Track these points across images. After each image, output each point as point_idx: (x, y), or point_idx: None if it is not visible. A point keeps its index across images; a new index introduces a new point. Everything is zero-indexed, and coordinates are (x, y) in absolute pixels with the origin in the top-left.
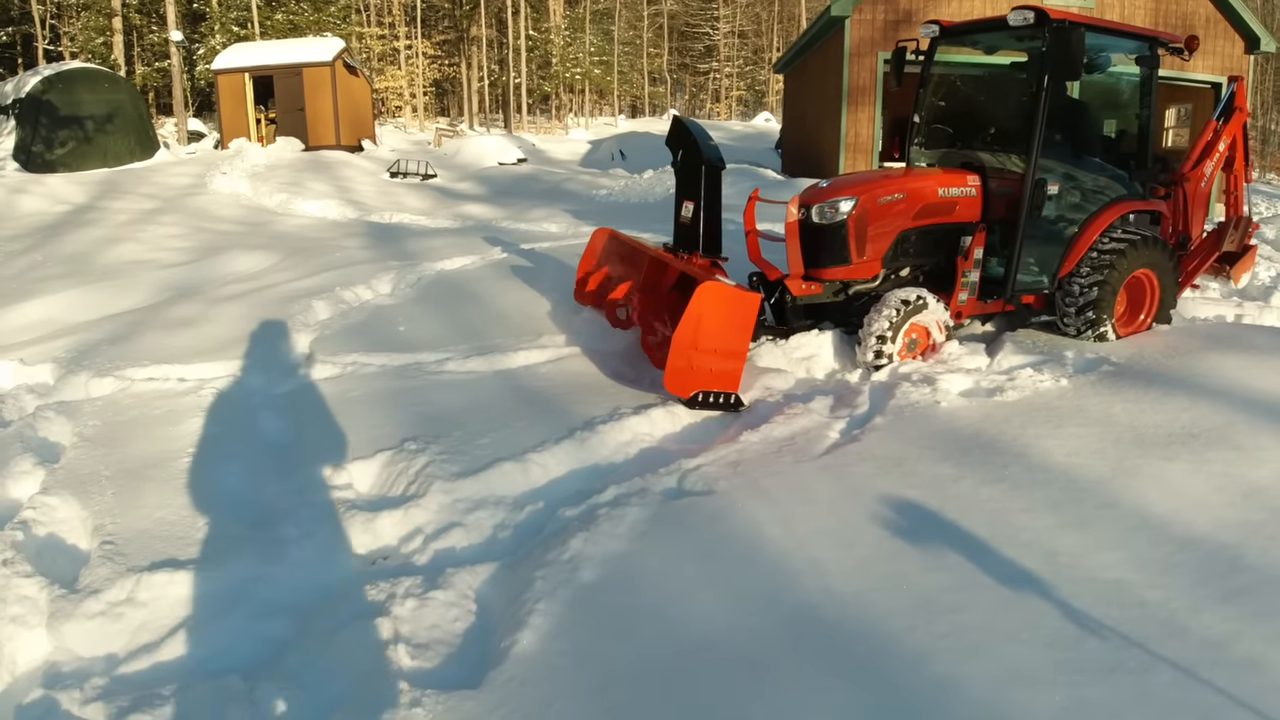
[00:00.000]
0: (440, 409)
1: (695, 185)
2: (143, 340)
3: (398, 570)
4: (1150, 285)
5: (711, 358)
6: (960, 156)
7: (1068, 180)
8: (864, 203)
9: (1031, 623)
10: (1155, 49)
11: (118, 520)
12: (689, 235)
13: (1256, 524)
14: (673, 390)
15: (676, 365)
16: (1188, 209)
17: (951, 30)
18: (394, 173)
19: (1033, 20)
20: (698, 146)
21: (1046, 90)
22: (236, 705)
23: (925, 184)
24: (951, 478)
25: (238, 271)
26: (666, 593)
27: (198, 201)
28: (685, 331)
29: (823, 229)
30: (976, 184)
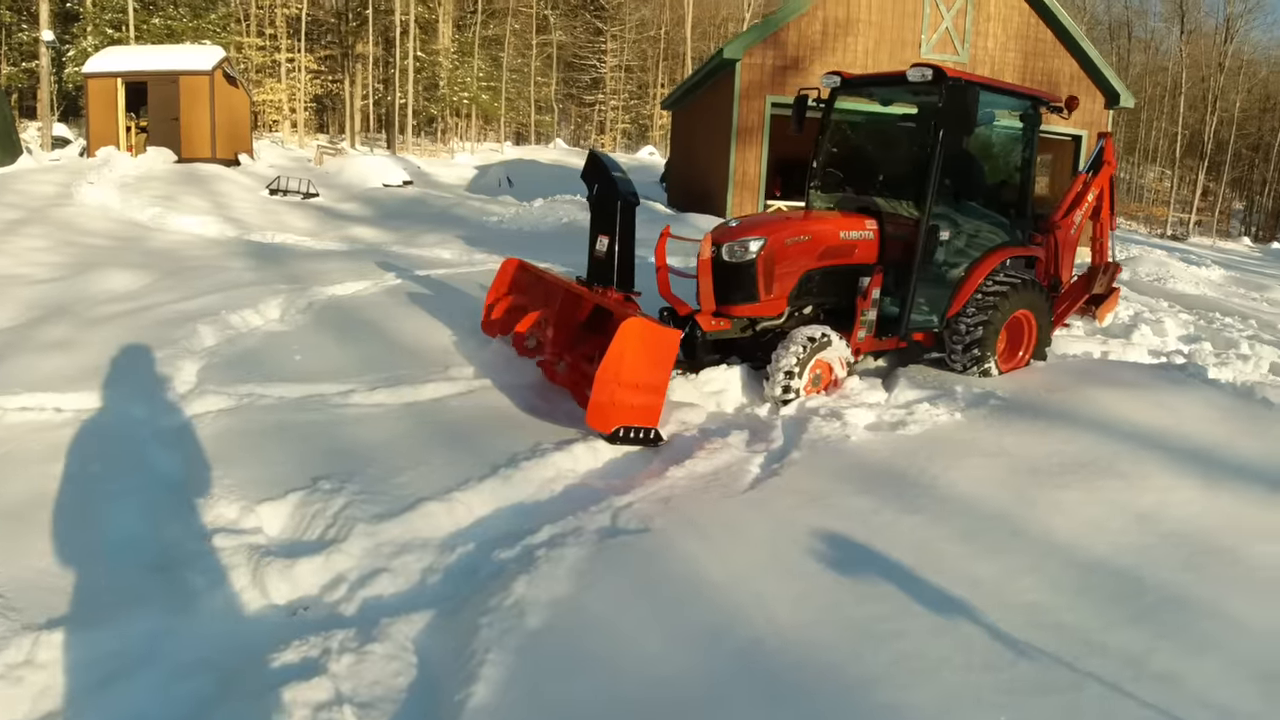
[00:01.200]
0: (351, 444)
1: (610, 220)
2: (12, 364)
3: (325, 622)
4: (1028, 325)
5: (633, 393)
6: (856, 201)
7: (956, 226)
8: (772, 243)
9: (965, 647)
10: (1038, 107)
11: (2, 570)
12: (603, 269)
13: (1149, 547)
14: (595, 426)
15: (599, 401)
16: (1058, 254)
17: (852, 82)
18: (274, 190)
19: (930, 78)
20: (614, 182)
21: (941, 143)
22: None
23: (828, 227)
24: (872, 510)
25: (112, 290)
26: (614, 635)
27: (65, 213)
28: (609, 367)
29: (733, 267)
30: (874, 228)
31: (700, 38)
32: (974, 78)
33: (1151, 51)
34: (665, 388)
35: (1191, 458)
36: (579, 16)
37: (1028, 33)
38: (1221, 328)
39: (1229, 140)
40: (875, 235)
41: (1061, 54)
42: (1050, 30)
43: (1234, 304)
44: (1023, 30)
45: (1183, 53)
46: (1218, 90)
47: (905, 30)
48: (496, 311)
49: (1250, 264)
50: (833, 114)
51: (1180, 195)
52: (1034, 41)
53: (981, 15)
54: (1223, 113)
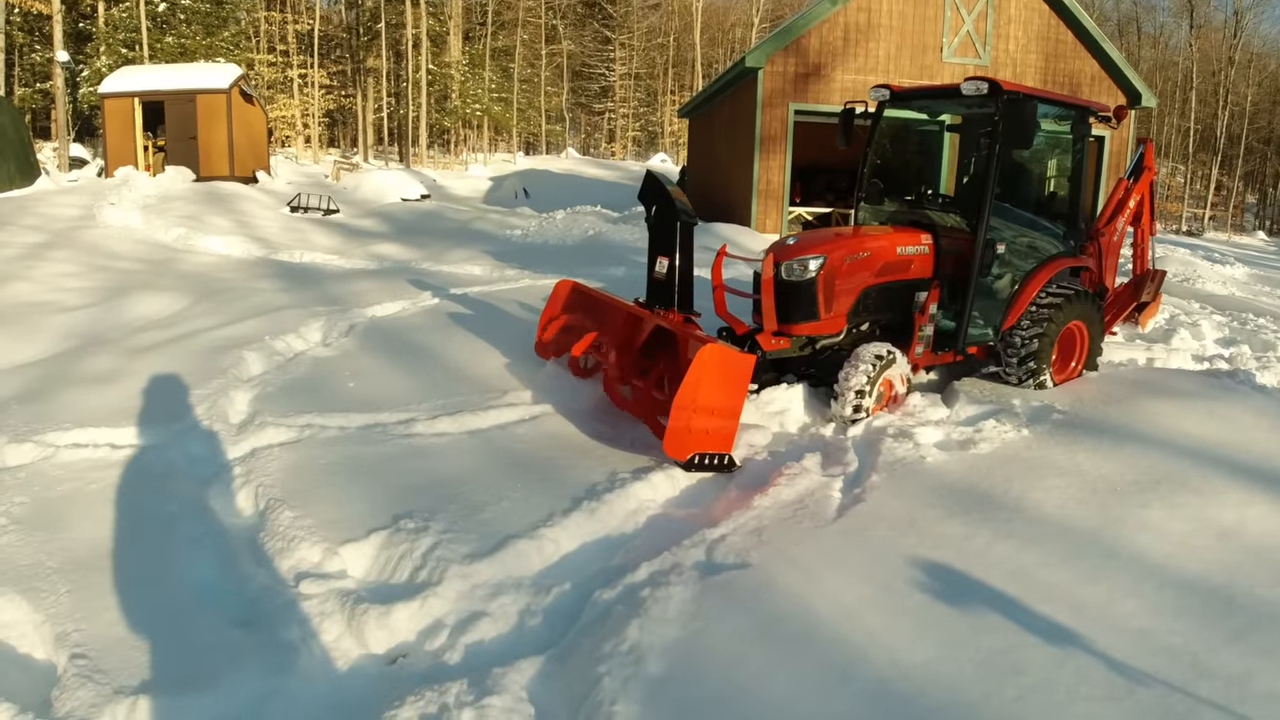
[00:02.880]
0: (424, 478)
1: (670, 241)
2: (59, 398)
3: (431, 672)
4: (1080, 336)
5: (708, 420)
6: (908, 215)
7: (1011, 239)
8: (832, 261)
9: (1086, 678)
10: (1087, 117)
11: (82, 627)
12: (664, 291)
13: (1237, 564)
14: (671, 453)
15: (676, 428)
16: (1102, 261)
17: (901, 95)
18: (294, 207)
19: (986, 91)
20: (672, 203)
21: (998, 157)
22: None
23: (886, 243)
24: (964, 536)
25: (148, 316)
26: (738, 680)
27: (90, 235)
28: (685, 394)
29: (792, 285)
30: (929, 242)
31: (709, 44)
32: (1027, 89)
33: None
34: (739, 413)
35: (1257, 470)
36: (587, 25)
37: (1048, 34)
38: (1256, 329)
39: (1241, 134)
40: (931, 250)
41: (1082, 55)
42: (1071, 31)
43: (1264, 304)
44: (1043, 32)
45: (1193, 47)
46: (1228, 84)
47: (926, 35)
48: (550, 333)
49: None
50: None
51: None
52: (1055, 43)
53: (1002, 18)
54: (1234, 107)
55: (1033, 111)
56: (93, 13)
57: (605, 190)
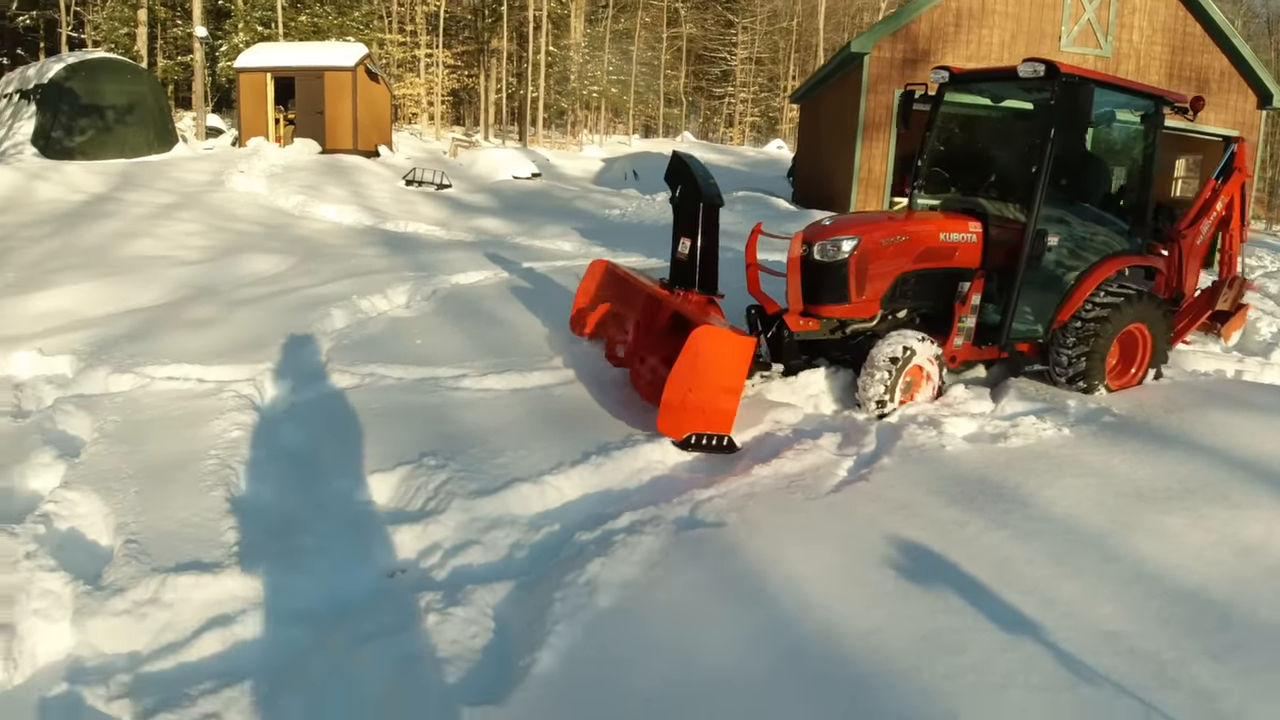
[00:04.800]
0: (458, 426)
1: (693, 222)
2: (162, 338)
3: (417, 585)
4: (1143, 340)
5: (705, 400)
6: (962, 202)
7: (1068, 231)
8: (866, 243)
9: (1028, 667)
10: (1160, 107)
11: (140, 519)
12: (685, 272)
13: (1246, 581)
14: (665, 431)
15: (670, 406)
16: (1183, 265)
17: (961, 77)
18: (409, 180)
19: (1043, 73)
20: (696, 183)
21: (1053, 142)
22: (262, 711)
23: (927, 228)
24: (956, 522)
25: (255, 273)
26: (679, 624)
27: (216, 199)
28: (680, 374)
29: (824, 266)
30: (978, 230)
31: (834, 29)
32: (1090, 74)
33: None
34: (738, 395)
35: None
36: (710, 9)
37: (1175, 26)
38: None
39: None
40: (979, 238)
41: (1211, 49)
42: (1199, 24)
43: None
44: (1170, 24)
45: None
46: None
47: (1044, 22)
48: (586, 317)
49: None
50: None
51: None
52: (1181, 36)
53: (1126, 8)
54: None
55: (1089, 96)
56: None
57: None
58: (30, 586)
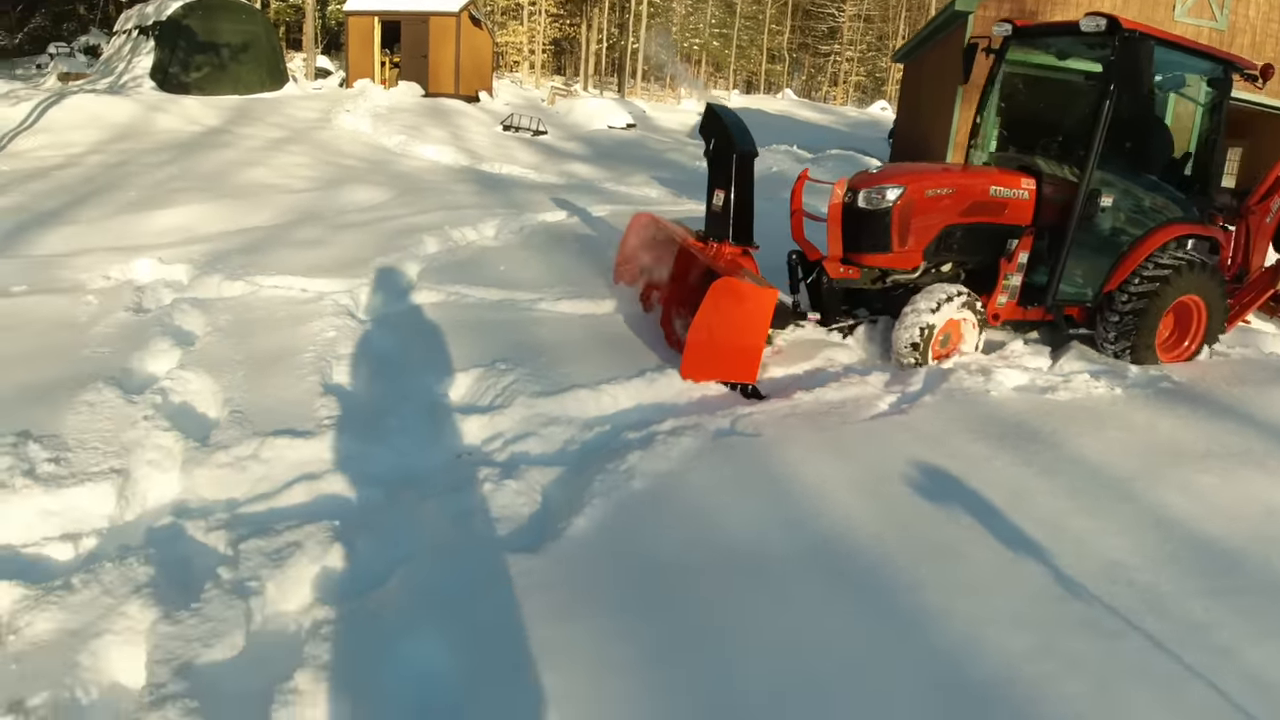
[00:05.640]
0: (529, 339)
1: (726, 173)
2: (271, 254)
3: (479, 463)
4: (1198, 312)
5: (728, 350)
6: (1018, 159)
7: (1124, 195)
8: (911, 192)
9: (1023, 579)
10: (1229, 73)
11: (245, 396)
12: (719, 224)
13: (1269, 538)
14: (689, 377)
15: (693, 356)
16: (1249, 242)
17: (1024, 31)
18: (507, 126)
19: (1104, 27)
20: (730, 134)
21: (1111, 100)
22: (334, 544)
23: (977, 181)
24: (984, 456)
25: (357, 203)
26: (703, 509)
27: (323, 135)
28: (701, 324)
29: (867, 214)
30: (1030, 187)
31: None
32: (1156, 31)
33: None
34: (761, 345)
35: None
36: None
37: None
38: None
39: None
40: (1031, 196)
41: None
42: None
43: None
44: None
45: None
46: None
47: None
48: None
49: None
50: (1009, 67)
51: None
52: None
53: None
54: None
55: (1149, 53)
56: None
57: (813, 133)
58: (145, 441)
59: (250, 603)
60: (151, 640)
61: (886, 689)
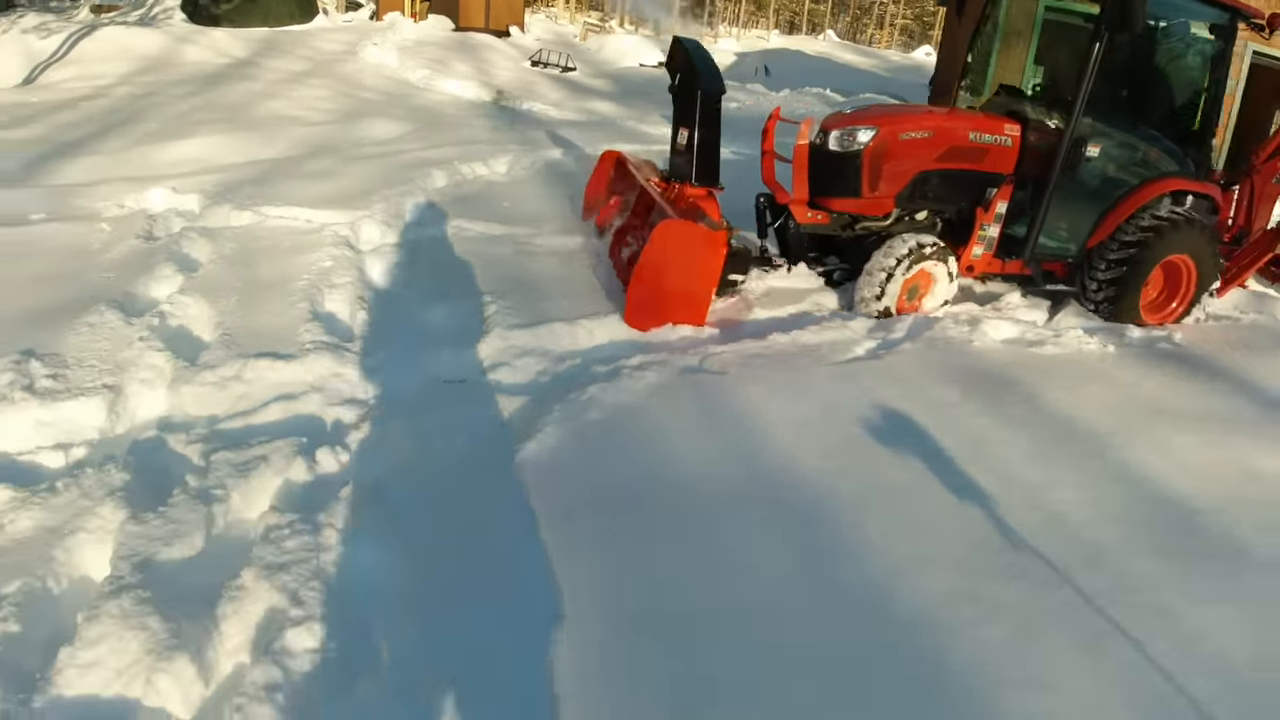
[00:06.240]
0: (517, 273)
1: (691, 112)
2: (281, 185)
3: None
4: (1187, 272)
5: (675, 295)
6: (1006, 104)
7: (1115, 145)
8: (884, 134)
9: (961, 526)
10: (1235, 21)
11: (237, 320)
12: (683, 164)
13: (1235, 500)
14: (633, 325)
15: (634, 301)
16: (1252, 203)
17: None
18: (535, 61)
19: None
20: (695, 71)
21: (1101, 43)
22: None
23: (956, 125)
24: (950, 403)
25: (373, 137)
26: (652, 440)
27: (347, 69)
28: (643, 268)
29: (836, 156)
30: (1015, 134)
31: None
32: None
33: None
34: (710, 289)
35: None
36: None
37: None
38: None
39: None
40: (1015, 143)
41: None
42: None
43: None
44: None
45: None
46: None
47: None
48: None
49: None
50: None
51: None
52: None
53: None
54: None
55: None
56: None
57: (851, 76)
58: (139, 360)
59: (213, 509)
60: (119, 539)
61: (800, 615)
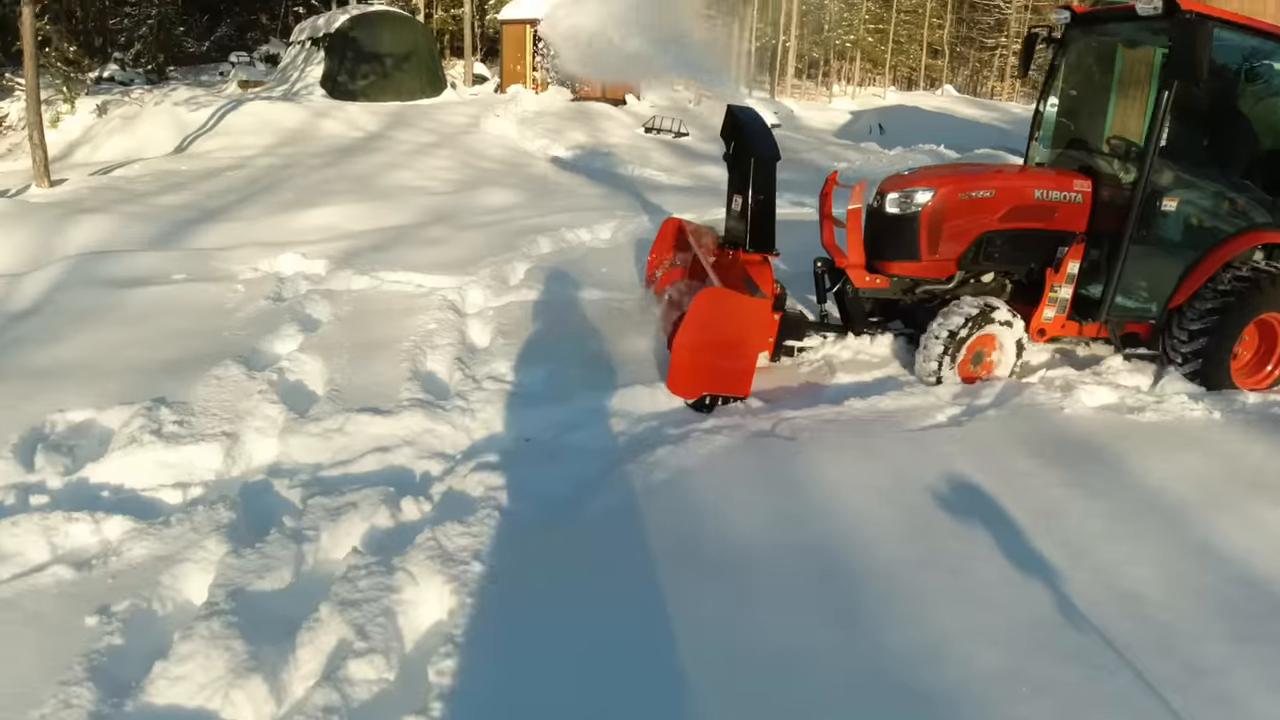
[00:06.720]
0: (606, 335)
1: (744, 179)
2: (398, 251)
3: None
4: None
5: (719, 362)
6: (1079, 159)
7: (1196, 196)
8: (942, 196)
9: (1020, 601)
10: None
11: (346, 377)
12: (738, 230)
13: None
14: (676, 392)
15: (677, 367)
16: None
17: (1084, 18)
18: (649, 128)
19: (1160, 10)
20: (749, 139)
21: (1171, 90)
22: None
23: (1020, 184)
24: (1028, 472)
25: (488, 205)
26: (711, 503)
27: (470, 139)
28: (685, 335)
29: (894, 219)
30: (1085, 190)
31: None
32: (1217, 12)
33: None
34: (755, 356)
35: None
36: None
37: None
38: None
39: None
40: (1086, 199)
41: None
42: None
43: None
44: None
45: None
46: None
47: None
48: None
49: None
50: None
51: None
52: None
53: None
54: None
55: (1206, 37)
56: None
57: (969, 130)
58: (256, 410)
59: (303, 547)
60: (219, 569)
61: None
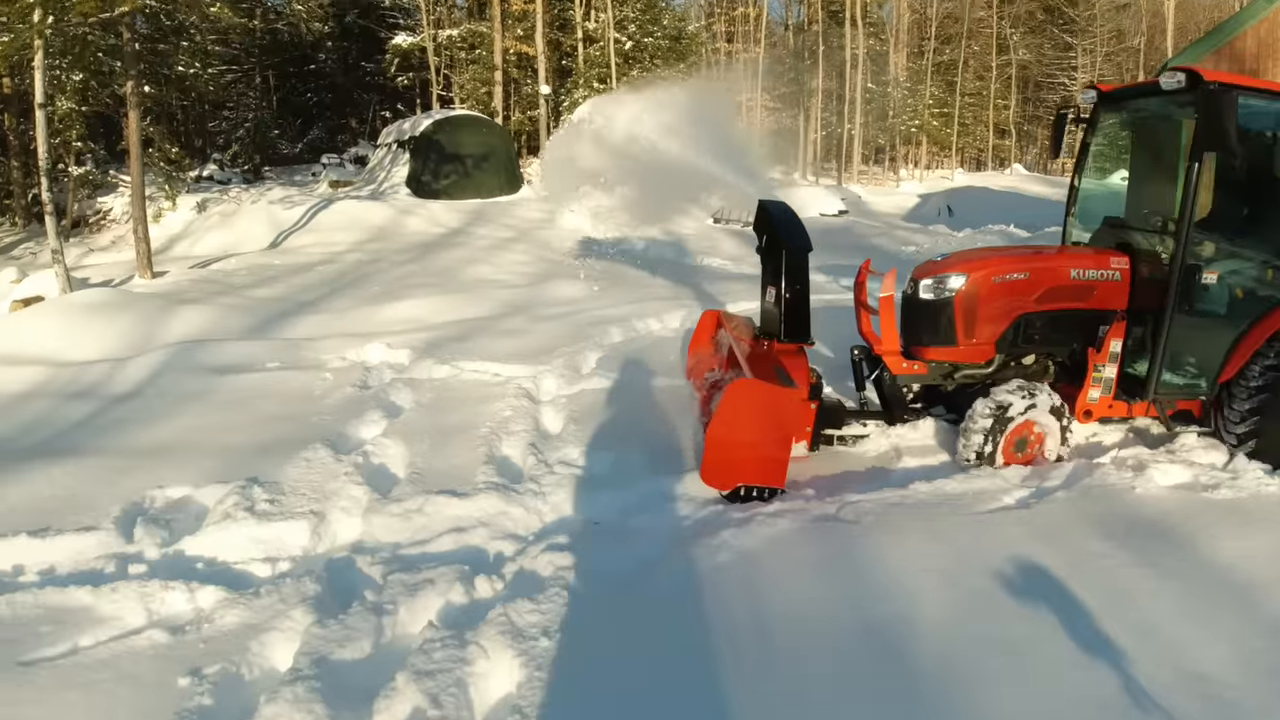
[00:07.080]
0: (671, 422)
1: (777, 271)
2: (477, 341)
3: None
4: None
5: (752, 453)
6: (1115, 236)
7: (1239, 266)
8: (976, 280)
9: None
10: None
11: (426, 460)
12: (772, 321)
13: None
14: (709, 483)
15: (711, 460)
16: None
17: (1110, 96)
18: (717, 219)
19: (1185, 83)
20: (779, 232)
21: (1201, 162)
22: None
23: (1055, 264)
24: (1096, 553)
25: (561, 297)
26: (772, 586)
27: (545, 234)
28: (717, 427)
29: (928, 305)
30: (1123, 267)
31: None
32: (1246, 81)
33: None
34: (788, 447)
35: None
36: (1045, 33)
37: None
38: None
39: None
40: (1124, 276)
41: None
42: None
43: None
44: None
45: None
46: None
47: None
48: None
49: None
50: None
51: None
52: None
53: None
54: None
55: (1231, 105)
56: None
57: (1038, 209)
58: (342, 491)
59: (383, 620)
60: (304, 638)
61: None
